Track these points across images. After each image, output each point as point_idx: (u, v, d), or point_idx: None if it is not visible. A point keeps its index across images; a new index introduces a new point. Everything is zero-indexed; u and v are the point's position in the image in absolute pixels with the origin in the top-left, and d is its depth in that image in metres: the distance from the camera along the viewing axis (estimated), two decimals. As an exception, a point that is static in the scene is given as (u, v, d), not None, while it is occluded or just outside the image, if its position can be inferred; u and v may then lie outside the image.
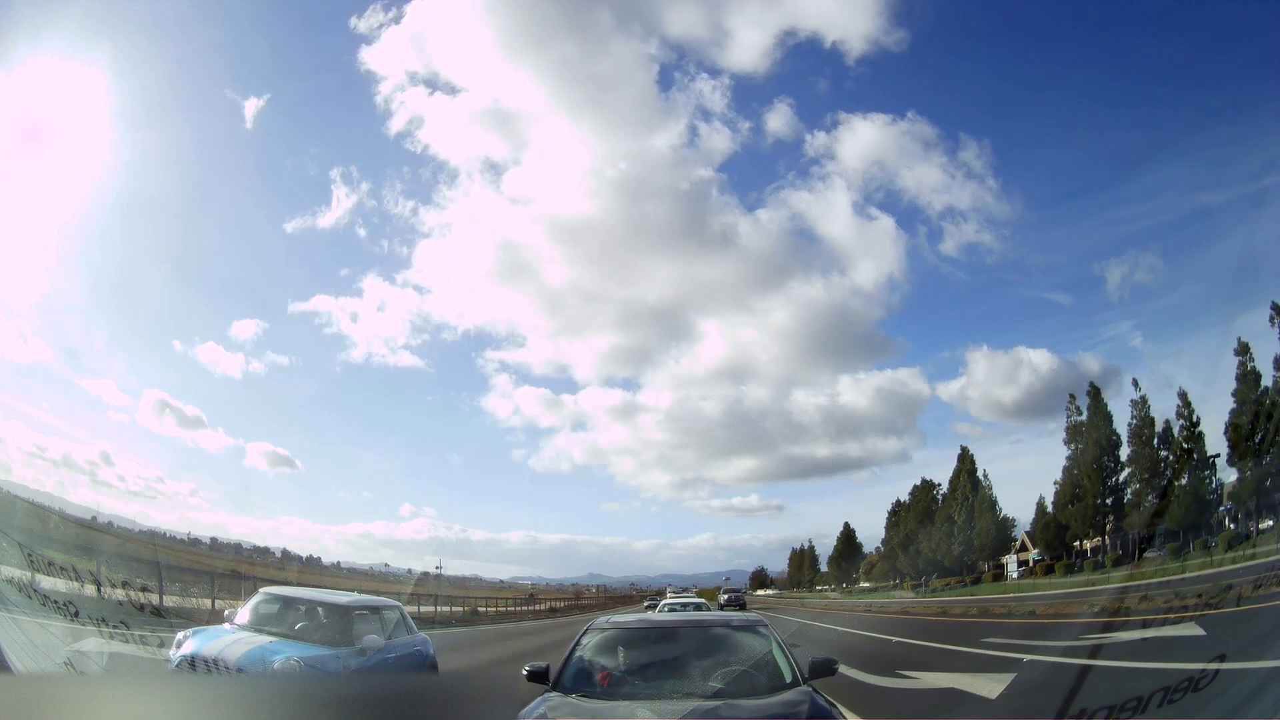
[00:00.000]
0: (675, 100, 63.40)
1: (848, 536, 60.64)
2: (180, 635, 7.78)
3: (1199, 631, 11.19)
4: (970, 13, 60.97)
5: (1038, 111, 62.66)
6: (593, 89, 63.49)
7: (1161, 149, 59.69)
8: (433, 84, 69.18)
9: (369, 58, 61.33)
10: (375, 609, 9.08)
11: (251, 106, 56.42)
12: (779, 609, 44.22)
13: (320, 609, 8.53)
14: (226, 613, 9.06)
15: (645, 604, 34.90)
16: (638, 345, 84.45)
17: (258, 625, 8.10)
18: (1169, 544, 31.31)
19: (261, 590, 9.02)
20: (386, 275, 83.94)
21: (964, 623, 21.99)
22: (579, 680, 4.86)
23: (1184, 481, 32.70)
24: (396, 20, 67.16)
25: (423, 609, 29.94)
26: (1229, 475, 31.63)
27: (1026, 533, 43.87)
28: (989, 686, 8.83)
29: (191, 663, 7.16)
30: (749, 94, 76.67)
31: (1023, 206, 62.26)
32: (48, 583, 12.14)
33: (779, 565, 72.75)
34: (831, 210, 64.44)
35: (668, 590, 51.03)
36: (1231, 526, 30.71)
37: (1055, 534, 39.60)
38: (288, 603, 8.58)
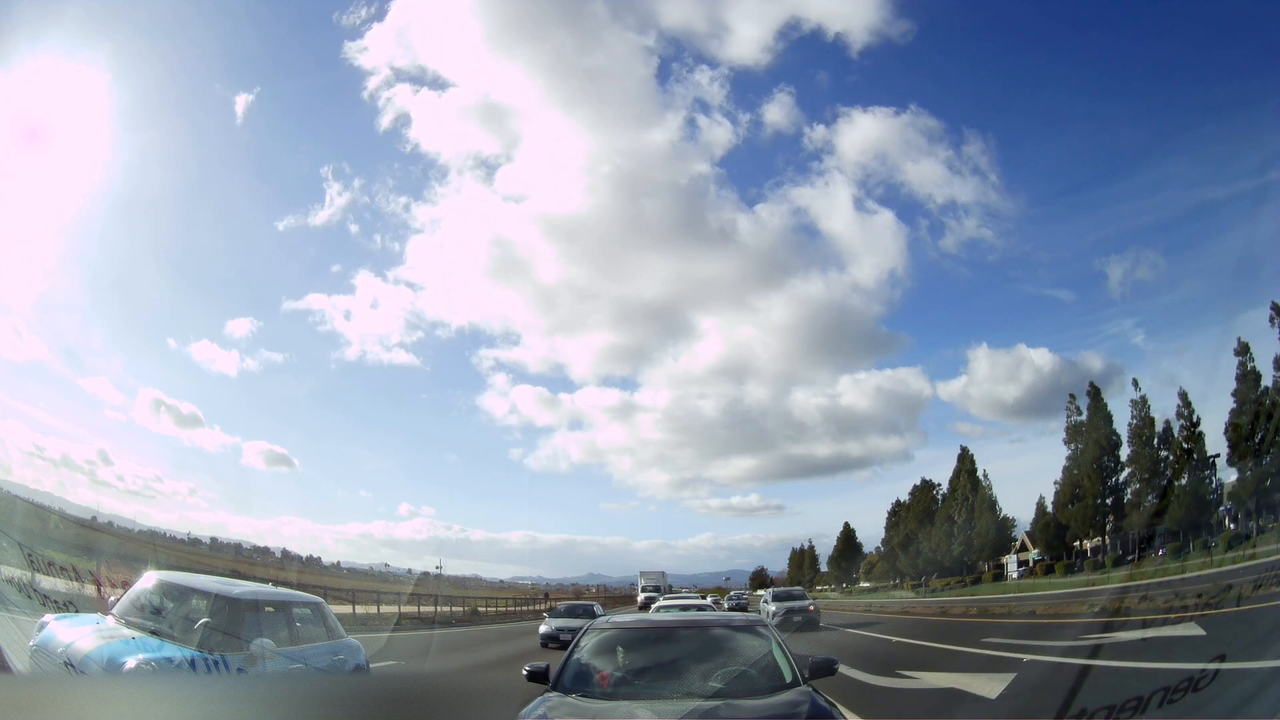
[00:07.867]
0: (673, 93, 63.16)
1: (848, 536, 60.77)
2: (44, 619, 6.84)
3: (1199, 631, 11.20)
4: (975, 5, 60.99)
5: (1040, 106, 62.89)
6: (587, 82, 63.18)
7: (1163, 145, 59.96)
8: (420, 79, 69.11)
9: (355, 53, 61.22)
10: (281, 604, 7.79)
11: (242, 102, 56.48)
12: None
13: (206, 602, 7.02)
14: (111, 600, 7.85)
15: (559, 605, 22.47)
16: (635, 344, 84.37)
17: (132, 616, 6.86)
18: (1169, 544, 31.32)
19: (148, 575, 7.70)
20: (379, 272, 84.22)
21: (964, 622, 21.97)
22: (579, 680, 4.86)
23: (1184, 481, 32.69)
24: (379, 16, 66.95)
25: (423, 609, 30.05)
26: (1229, 475, 31.69)
27: (1026, 533, 43.86)
28: (989, 686, 8.82)
29: (37, 654, 6.27)
30: (748, 86, 76.22)
31: (1025, 202, 62.43)
32: (48, 583, 12.15)
33: (779, 565, 72.88)
34: (832, 205, 64.39)
35: (640, 579, 40.97)
36: (1231, 526, 30.71)
37: (1055, 534, 39.59)
38: (174, 592, 7.23)
